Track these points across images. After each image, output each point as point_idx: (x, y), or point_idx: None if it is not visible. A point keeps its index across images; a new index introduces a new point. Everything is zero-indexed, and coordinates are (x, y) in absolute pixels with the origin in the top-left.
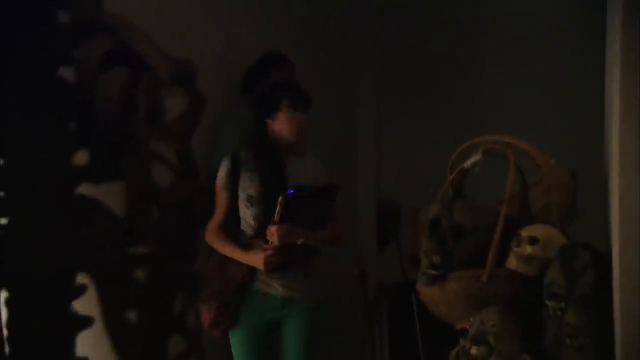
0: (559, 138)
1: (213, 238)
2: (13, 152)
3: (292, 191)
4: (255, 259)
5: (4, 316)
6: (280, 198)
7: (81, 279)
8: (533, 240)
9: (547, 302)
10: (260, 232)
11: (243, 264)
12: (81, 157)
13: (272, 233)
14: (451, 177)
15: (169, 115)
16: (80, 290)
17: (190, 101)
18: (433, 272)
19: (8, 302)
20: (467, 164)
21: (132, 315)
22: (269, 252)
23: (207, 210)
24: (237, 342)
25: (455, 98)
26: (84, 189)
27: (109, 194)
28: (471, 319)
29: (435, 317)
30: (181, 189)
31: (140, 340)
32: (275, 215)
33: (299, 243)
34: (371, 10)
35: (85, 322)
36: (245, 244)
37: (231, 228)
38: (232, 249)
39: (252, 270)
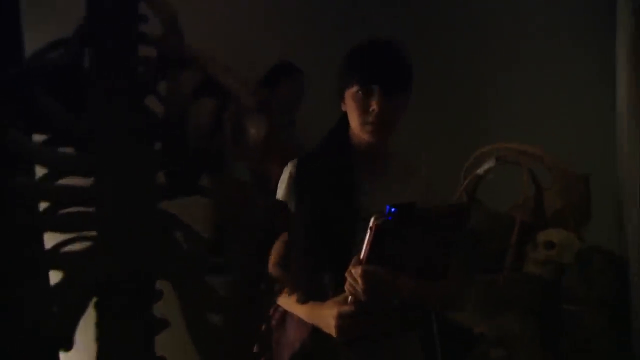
0: (570, 143)
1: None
2: (102, 171)
3: (394, 210)
4: (325, 316)
5: (95, 318)
6: (371, 221)
7: (160, 285)
8: (549, 245)
9: (565, 306)
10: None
11: (306, 323)
12: (164, 176)
13: (356, 278)
14: (465, 183)
15: (250, 139)
16: (159, 295)
17: (269, 126)
18: None
19: (97, 305)
20: (481, 170)
21: (211, 319)
22: (348, 309)
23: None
24: None
25: (467, 105)
26: (167, 205)
27: (193, 210)
28: (489, 323)
29: (453, 322)
30: (260, 206)
31: (219, 342)
32: (363, 249)
33: (396, 302)
34: (382, 17)
35: (162, 324)
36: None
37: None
38: (296, 300)
39: (317, 335)
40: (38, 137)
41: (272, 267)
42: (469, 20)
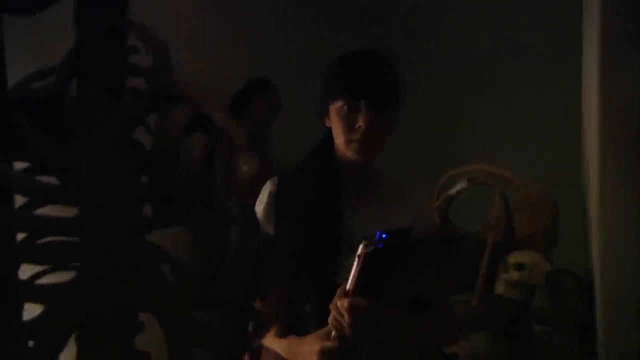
0: (539, 166)
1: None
2: (86, 202)
3: (385, 237)
4: (306, 352)
5: (75, 351)
6: (360, 248)
7: (143, 317)
8: (520, 267)
9: (534, 326)
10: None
11: (284, 359)
12: (150, 208)
13: (341, 312)
14: (437, 203)
15: (240, 175)
16: (140, 327)
17: (260, 163)
18: None
19: (78, 339)
20: (453, 191)
21: (197, 353)
22: (331, 344)
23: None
24: None
25: (440, 127)
26: (153, 237)
27: (180, 243)
28: (461, 343)
29: None
30: (250, 240)
31: None
32: (350, 279)
33: (388, 335)
34: (354, 40)
35: (144, 357)
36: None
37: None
38: (274, 333)
39: None
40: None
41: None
42: (438, 45)
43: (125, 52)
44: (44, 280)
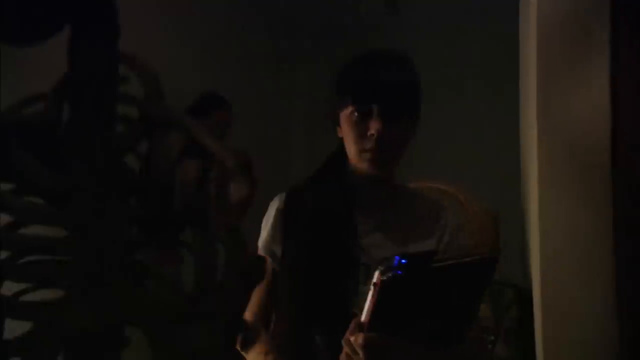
0: (481, 182)
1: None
2: (78, 224)
3: (404, 262)
4: None
5: None
6: (375, 275)
7: (129, 332)
8: None
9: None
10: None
11: None
12: (139, 229)
13: (355, 348)
14: None
15: (232, 198)
16: (126, 341)
17: (249, 186)
18: None
19: (65, 355)
20: None
21: None
22: None
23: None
24: None
25: None
26: (142, 256)
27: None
28: None
29: None
30: (240, 260)
31: None
32: (364, 311)
33: None
34: (305, 54)
35: None
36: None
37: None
38: None
39: None
40: None
41: (248, 315)
42: None
43: (116, 81)
44: (31, 298)
